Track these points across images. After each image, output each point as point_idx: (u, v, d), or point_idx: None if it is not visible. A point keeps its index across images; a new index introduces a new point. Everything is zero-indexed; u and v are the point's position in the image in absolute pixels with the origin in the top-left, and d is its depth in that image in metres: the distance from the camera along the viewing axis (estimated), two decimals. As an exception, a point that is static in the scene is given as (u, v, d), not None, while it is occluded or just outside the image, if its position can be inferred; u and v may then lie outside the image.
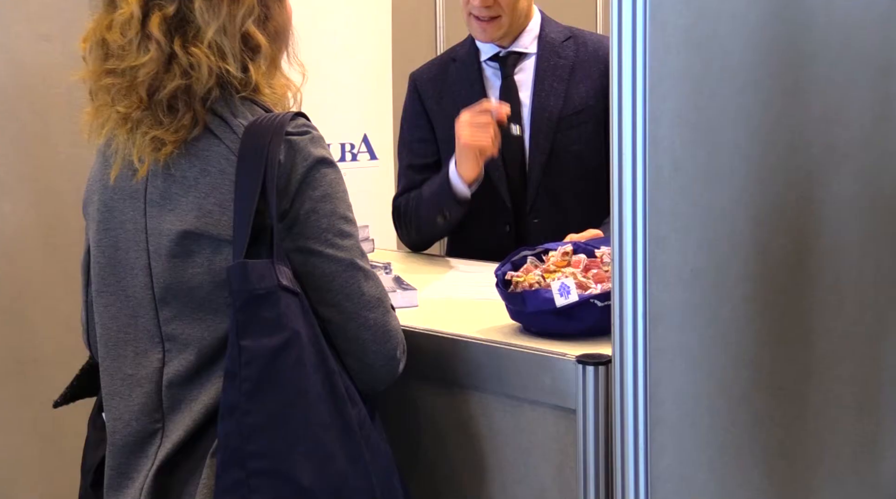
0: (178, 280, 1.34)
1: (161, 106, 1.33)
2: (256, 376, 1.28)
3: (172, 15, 1.32)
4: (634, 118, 1.17)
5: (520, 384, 1.43)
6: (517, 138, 2.11)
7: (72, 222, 2.62)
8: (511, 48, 2.14)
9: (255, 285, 1.28)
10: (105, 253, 1.41)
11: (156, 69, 1.32)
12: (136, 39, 1.33)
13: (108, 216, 1.41)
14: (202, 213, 1.32)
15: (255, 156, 1.30)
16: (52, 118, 2.61)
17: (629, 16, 1.16)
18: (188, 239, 1.33)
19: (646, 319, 1.19)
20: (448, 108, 2.18)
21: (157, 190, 1.36)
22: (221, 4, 1.33)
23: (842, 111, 1.39)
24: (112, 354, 1.41)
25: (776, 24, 1.30)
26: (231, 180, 1.31)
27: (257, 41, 1.36)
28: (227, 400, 1.29)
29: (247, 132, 1.32)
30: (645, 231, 1.18)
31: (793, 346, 1.39)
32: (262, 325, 1.28)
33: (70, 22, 2.60)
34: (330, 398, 1.31)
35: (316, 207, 1.33)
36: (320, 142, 1.36)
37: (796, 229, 1.37)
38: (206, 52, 1.32)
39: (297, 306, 1.31)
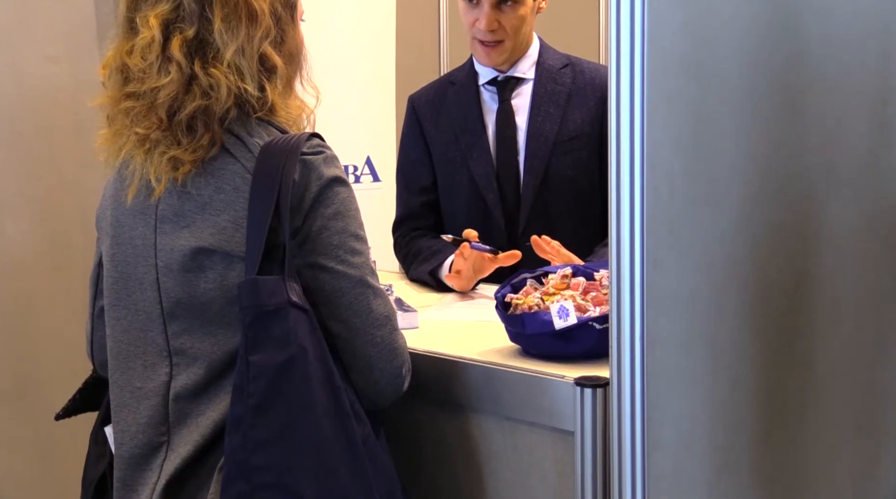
0: (190, 295, 1.36)
1: (181, 126, 1.35)
2: (263, 390, 1.29)
3: (192, 37, 1.35)
4: (632, 142, 1.19)
5: (518, 406, 1.44)
6: (512, 162, 2.13)
7: (76, 243, 2.64)
8: (509, 73, 2.17)
9: (265, 301, 1.30)
10: (117, 267, 1.43)
11: (176, 90, 1.35)
12: (157, 62, 1.35)
13: (120, 231, 1.43)
14: (217, 229, 1.34)
15: (270, 175, 1.32)
16: (58, 139, 2.63)
17: (627, 42, 1.17)
18: (202, 255, 1.35)
19: (643, 342, 1.20)
20: (445, 132, 2.20)
21: (169, 207, 1.38)
22: (240, 26, 1.36)
23: (839, 137, 1.40)
24: (122, 367, 1.43)
25: (773, 52, 1.31)
26: (245, 198, 1.34)
27: (273, 62, 1.38)
28: (233, 414, 1.31)
29: (263, 152, 1.34)
30: (643, 254, 1.19)
31: (791, 368, 1.39)
32: (271, 340, 1.30)
33: (77, 45, 2.63)
34: (335, 414, 1.32)
35: (328, 224, 1.35)
36: (334, 161, 1.38)
37: (794, 253, 1.38)
38: (225, 73, 1.35)
39: (306, 323, 1.32)
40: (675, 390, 1.25)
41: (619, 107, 1.19)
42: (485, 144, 2.15)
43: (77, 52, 2.64)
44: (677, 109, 1.21)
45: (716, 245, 1.27)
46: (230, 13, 1.35)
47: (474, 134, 2.16)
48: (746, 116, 1.29)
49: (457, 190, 2.19)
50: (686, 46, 1.21)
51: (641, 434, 1.22)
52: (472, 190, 2.16)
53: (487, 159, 2.14)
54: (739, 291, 1.30)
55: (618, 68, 1.18)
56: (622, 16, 1.17)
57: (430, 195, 2.24)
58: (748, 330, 1.32)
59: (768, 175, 1.32)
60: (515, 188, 2.14)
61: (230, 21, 1.35)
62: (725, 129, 1.26)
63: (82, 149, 2.66)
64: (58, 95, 2.62)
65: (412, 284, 2.17)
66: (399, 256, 2.26)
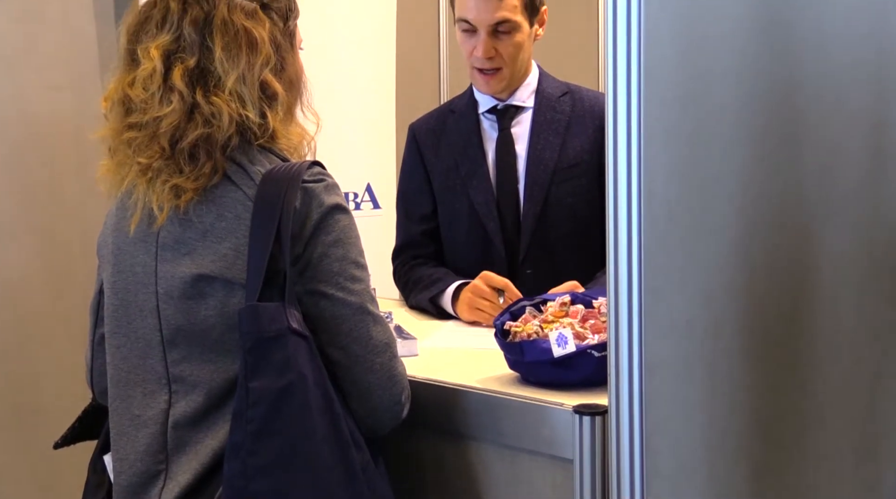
0: (190, 322, 1.36)
1: (183, 155, 1.36)
2: (263, 416, 1.30)
3: (193, 67, 1.37)
4: (630, 171, 1.19)
5: (517, 434, 1.43)
6: (512, 190, 2.14)
7: (77, 271, 2.65)
8: (509, 101, 2.18)
9: (265, 328, 1.31)
10: (117, 295, 1.44)
11: (178, 120, 1.36)
12: (159, 93, 1.37)
13: (121, 259, 1.44)
14: (218, 257, 1.35)
15: (271, 202, 1.33)
16: (60, 167, 2.64)
17: (624, 71, 1.18)
18: (202, 282, 1.35)
19: (642, 370, 1.20)
20: (445, 160, 2.21)
21: (171, 235, 1.38)
22: (240, 55, 1.37)
23: (835, 165, 1.41)
24: (121, 395, 1.43)
25: (769, 80, 1.32)
26: (247, 226, 1.34)
27: (274, 89, 1.40)
28: (233, 440, 1.31)
29: (264, 179, 1.35)
30: (640, 282, 1.20)
31: (790, 397, 1.39)
32: (271, 367, 1.31)
33: (80, 73, 2.65)
34: (334, 441, 1.32)
35: (328, 252, 1.36)
36: (335, 189, 1.39)
37: (792, 281, 1.38)
38: (226, 100, 1.36)
39: (306, 350, 1.33)
40: (674, 418, 1.25)
41: (616, 136, 1.20)
42: (485, 172, 2.16)
43: (80, 80, 2.66)
44: (673, 139, 1.22)
45: (713, 273, 1.28)
46: (230, 42, 1.37)
47: (474, 162, 2.17)
48: (742, 145, 1.30)
49: (457, 218, 2.20)
50: (682, 77, 1.22)
51: (640, 462, 1.22)
52: (472, 218, 2.17)
53: (488, 187, 2.15)
54: (737, 319, 1.30)
55: (614, 98, 1.19)
56: (619, 46, 1.18)
57: (430, 223, 2.25)
58: (747, 358, 1.32)
59: (765, 203, 1.33)
60: (516, 216, 2.14)
61: (231, 50, 1.37)
62: (721, 157, 1.27)
63: (84, 177, 2.68)
64: (60, 123, 2.63)
65: (412, 311, 2.17)
66: (399, 284, 2.26)
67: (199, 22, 1.38)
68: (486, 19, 2.05)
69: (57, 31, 2.63)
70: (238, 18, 1.38)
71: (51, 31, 2.62)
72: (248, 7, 1.40)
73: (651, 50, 1.17)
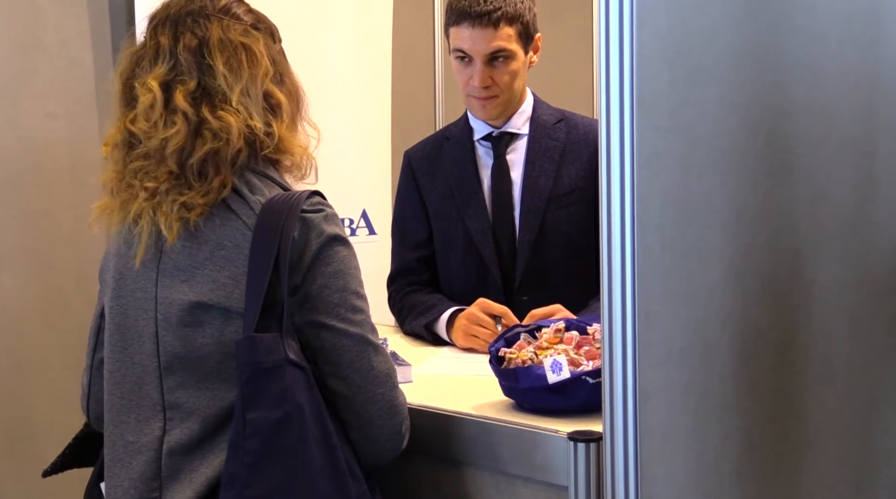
0: (187, 349, 1.36)
1: (192, 171, 1.38)
2: (259, 448, 1.30)
3: (195, 88, 1.39)
4: (623, 198, 1.20)
5: (512, 461, 1.43)
6: (507, 217, 2.15)
7: (72, 298, 2.65)
8: (504, 128, 2.19)
9: (262, 358, 1.31)
10: (115, 320, 1.44)
11: (183, 139, 1.38)
12: (162, 119, 1.39)
13: (122, 284, 1.44)
14: (216, 285, 1.35)
15: (270, 232, 1.34)
16: (56, 194, 2.65)
17: (617, 99, 1.19)
18: (200, 309, 1.35)
19: (636, 397, 1.20)
20: (440, 187, 2.22)
21: (172, 261, 1.39)
22: (242, 68, 1.40)
23: (827, 191, 1.42)
24: (115, 421, 1.43)
25: (762, 108, 1.33)
26: (245, 255, 1.35)
27: (277, 98, 1.43)
28: (229, 471, 1.31)
29: (263, 209, 1.36)
30: (634, 309, 1.20)
31: (784, 423, 1.39)
32: (268, 398, 1.31)
33: (76, 100, 2.67)
34: (331, 473, 1.32)
35: (329, 283, 1.36)
36: (334, 219, 1.40)
37: (785, 307, 1.39)
38: (233, 113, 1.38)
39: (303, 380, 1.33)
40: (669, 445, 1.25)
41: (609, 164, 1.20)
42: (480, 199, 2.17)
43: (76, 108, 2.67)
44: (666, 165, 1.22)
45: (707, 300, 1.28)
46: (231, 57, 1.40)
47: (470, 189, 2.18)
48: (734, 172, 1.30)
49: (453, 245, 2.21)
50: (674, 105, 1.23)
51: (635, 489, 1.22)
52: (468, 245, 2.17)
53: (483, 214, 2.16)
54: (731, 346, 1.31)
55: (608, 126, 1.20)
56: (612, 74, 1.19)
57: (424, 250, 2.25)
58: (740, 385, 1.32)
59: (757, 229, 1.33)
60: (511, 243, 2.15)
61: (232, 65, 1.40)
62: (714, 184, 1.28)
63: (79, 204, 2.68)
64: (56, 151, 2.64)
65: (407, 337, 2.17)
66: (394, 311, 2.27)
67: (194, 47, 1.40)
68: (481, 49, 2.07)
69: (54, 60, 2.65)
70: (234, 36, 1.42)
71: (48, 60, 2.64)
72: (239, 27, 1.43)
73: (644, 78, 1.18)
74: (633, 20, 1.17)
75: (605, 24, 1.19)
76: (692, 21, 1.24)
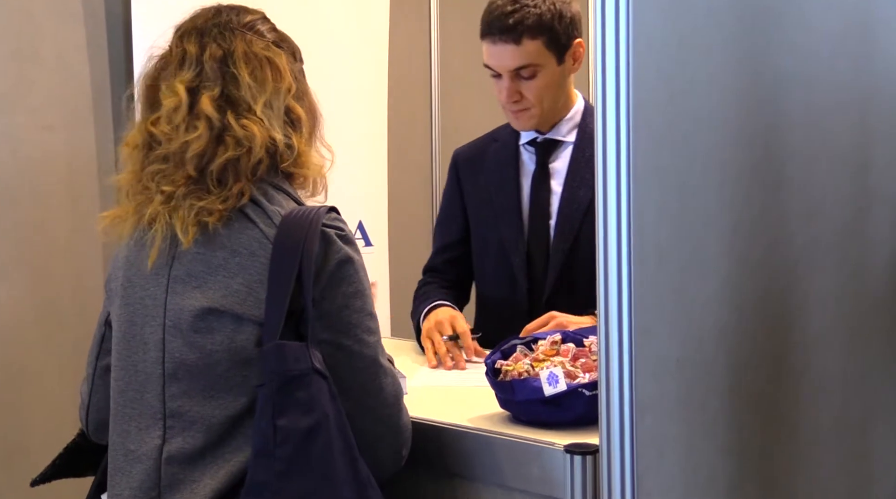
0: (196, 356, 1.37)
1: (211, 177, 1.39)
2: (290, 455, 1.31)
3: (219, 95, 1.41)
4: (619, 211, 1.21)
5: (508, 473, 1.43)
6: (543, 227, 2.11)
7: (68, 310, 2.64)
8: (548, 136, 2.13)
9: (290, 367, 1.32)
10: (122, 328, 1.45)
11: (205, 145, 1.39)
12: (184, 123, 1.40)
13: (130, 292, 1.44)
14: (228, 292, 1.36)
15: (292, 244, 1.35)
16: (52, 205, 2.65)
17: (613, 112, 1.20)
18: (211, 315, 1.36)
19: (632, 409, 1.21)
20: (482, 191, 2.20)
21: (183, 267, 1.39)
22: (266, 81, 1.42)
23: (823, 205, 1.42)
24: (118, 430, 1.43)
25: (756, 122, 1.34)
26: (260, 263, 1.36)
27: (298, 113, 1.45)
28: (256, 479, 1.31)
29: (284, 221, 1.38)
30: (631, 322, 1.20)
31: (781, 436, 1.40)
32: (297, 405, 1.32)
33: (73, 112, 2.67)
34: (354, 482, 1.34)
35: (348, 303, 1.38)
36: (351, 240, 1.42)
37: (781, 320, 1.39)
38: (257, 123, 1.40)
39: (327, 390, 1.34)
40: (665, 458, 1.25)
41: (605, 177, 1.21)
42: (518, 206, 2.13)
43: (73, 120, 2.67)
44: (662, 180, 1.23)
45: (703, 313, 1.29)
46: (256, 69, 1.42)
47: (508, 195, 2.14)
48: (730, 186, 1.31)
49: (487, 250, 2.19)
50: (671, 118, 1.23)
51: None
52: (500, 251, 2.14)
53: (518, 222, 2.12)
54: (727, 359, 1.31)
55: (604, 139, 1.20)
56: (608, 87, 1.19)
57: (454, 251, 2.24)
58: (737, 398, 1.32)
59: (753, 243, 1.34)
60: (544, 253, 2.10)
61: (257, 76, 1.42)
62: (710, 198, 1.29)
63: (76, 216, 2.69)
64: (53, 162, 2.64)
65: (402, 349, 2.17)
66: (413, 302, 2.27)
67: (219, 57, 1.43)
68: (505, 65, 2.02)
69: (51, 72, 2.65)
70: (258, 49, 1.44)
71: (45, 72, 2.64)
72: (262, 42, 1.46)
73: (640, 92, 1.19)
74: (629, 34, 1.18)
75: (602, 39, 1.19)
76: (688, 35, 1.24)
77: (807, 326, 1.42)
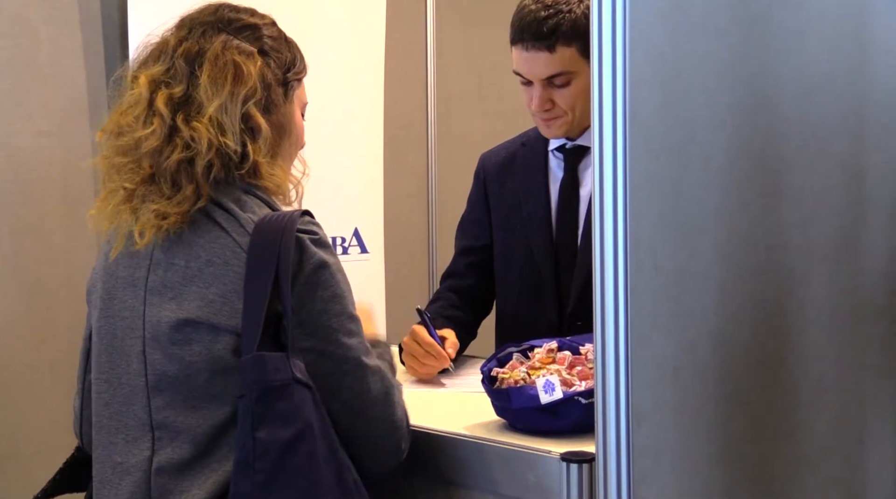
0: (176, 367, 1.36)
1: (165, 178, 1.38)
2: (271, 467, 1.30)
3: (180, 95, 1.40)
4: (616, 219, 1.21)
5: (504, 481, 1.43)
6: (571, 235, 2.03)
7: (62, 316, 2.64)
8: (578, 142, 2.04)
9: (271, 377, 1.31)
10: (103, 340, 1.44)
11: (159, 142, 1.38)
12: (143, 117, 1.40)
13: (110, 304, 1.44)
14: (204, 302, 1.35)
15: (266, 251, 1.34)
16: (47, 211, 2.64)
17: (609, 120, 1.20)
18: (188, 327, 1.35)
19: (629, 417, 1.20)
20: (510, 197, 2.13)
21: (158, 278, 1.39)
22: (224, 84, 1.40)
23: (818, 213, 1.43)
24: (104, 442, 1.42)
25: (753, 130, 1.34)
26: (235, 272, 1.35)
27: (257, 123, 1.41)
28: (238, 491, 1.31)
29: (257, 229, 1.36)
30: (627, 329, 1.20)
31: (777, 444, 1.40)
32: (277, 417, 1.31)
33: (69, 119, 2.66)
34: (339, 491, 1.33)
35: (326, 308, 1.37)
36: (326, 243, 1.40)
37: (777, 328, 1.39)
38: (206, 126, 1.38)
39: (310, 399, 1.33)
40: (662, 466, 1.25)
41: (602, 184, 1.21)
42: (546, 214, 2.06)
43: (69, 126, 2.67)
44: (659, 187, 1.23)
45: (699, 320, 1.28)
46: (217, 72, 1.40)
47: (537, 203, 2.07)
48: (726, 193, 1.31)
49: (513, 259, 2.11)
50: (667, 125, 1.23)
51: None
52: (527, 261, 2.07)
53: (547, 231, 2.05)
54: (724, 366, 1.31)
55: (601, 147, 1.20)
56: (604, 96, 1.20)
57: (476, 256, 2.18)
58: (733, 405, 1.32)
59: (749, 250, 1.34)
60: (571, 263, 2.03)
61: (216, 79, 1.40)
62: (706, 205, 1.29)
63: (71, 222, 2.68)
64: (48, 168, 2.64)
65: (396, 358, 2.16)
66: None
67: (192, 54, 1.41)
68: (538, 73, 1.93)
69: (47, 77, 2.65)
70: (230, 54, 1.41)
71: (41, 77, 2.64)
72: (244, 48, 1.43)
73: (637, 100, 1.19)
74: (626, 42, 1.18)
75: (598, 46, 1.19)
76: (684, 44, 1.25)
77: (802, 334, 1.42)
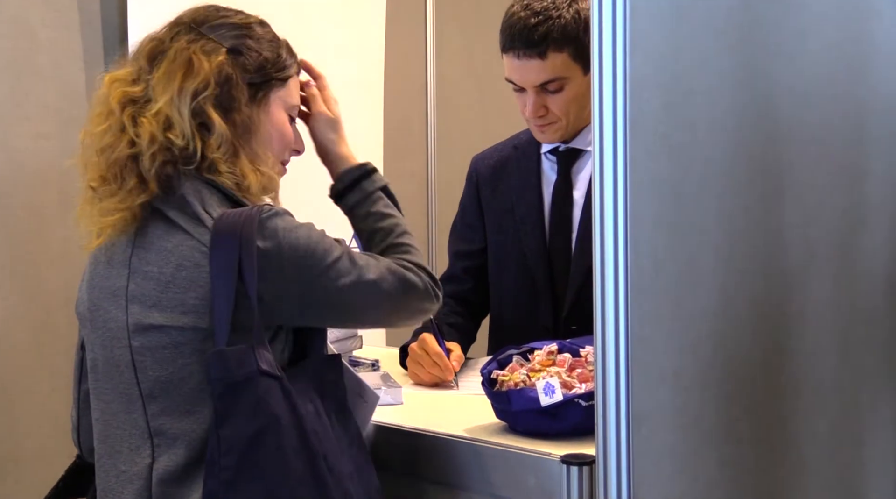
0: (167, 374, 1.35)
1: (114, 175, 1.39)
2: (234, 464, 1.29)
3: (140, 94, 1.40)
4: (616, 221, 1.20)
5: (505, 484, 1.43)
6: (565, 239, 2.03)
7: (61, 320, 2.63)
8: (571, 145, 2.03)
9: (234, 372, 1.30)
10: (95, 351, 1.44)
11: (112, 140, 1.39)
12: (102, 115, 1.42)
13: (96, 315, 1.43)
14: (186, 308, 1.34)
15: (228, 243, 1.33)
16: (46, 215, 2.64)
17: (610, 124, 1.20)
18: (175, 332, 1.35)
19: (629, 420, 1.20)
20: (502, 200, 2.11)
21: (137, 287, 1.38)
22: (174, 79, 1.39)
23: (819, 216, 1.42)
24: (108, 451, 1.42)
25: (753, 133, 1.34)
26: (206, 273, 1.34)
27: (210, 119, 1.38)
28: (207, 488, 1.30)
29: (217, 222, 1.35)
30: (627, 332, 1.20)
31: (777, 448, 1.39)
32: (240, 412, 1.30)
33: (68, 122, 2.66)
34: (313, 483, 1.31)
35: (303, 276, 1.37)
36: (285, 214, 1.39)
37: (777, 331, 1.39)
38: (150, 121, 1.38)
39: (278, 390, 1.32)
40: (662, 469, 1.25)
41: (602, 186, 1.21)
42: (540, 218, 2.05)
43: (68, 128, 2.66)
44: (659, 189, 1.23)
45: (700, 323, 1.28)
46: (171, 67, 1.40)
47: (530, 206, 2.06)
48: (727, 195, 1.31)
49: (506, 263, 2.10)
50: (667, 128, 1.23)
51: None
52: (521, 265, 2.06)
53: (541, 235, 2.04)
54: (724, 369, 1.31)
55: (601, 149, 1.20)
56: (605, 98, 1.20)
57: (472, 260, 2.16)
58: (734, 408, 1.32)
59: (750, 253, 1.34)
60: (566, 266, 2.02)
61: (168, 75, 1.39)
62: (707, 208, 1.29)
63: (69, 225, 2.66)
64: (47, 171, 2.63)
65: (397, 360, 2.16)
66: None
67: (154, 53, 1.42)
68: (530, 80, 1.92)
69: (47, 80, 2.64)
70: (189, 52, 1.40)
71: (40, 80, 2.63)
72: (209, 46, 1.41)
73: (637, 101, 1.19)
74: (626, 44, 1.18)
75: (599, 48, 1.20)
76: (685, 46, 1.25)
77: (803, 337, 1.42)
